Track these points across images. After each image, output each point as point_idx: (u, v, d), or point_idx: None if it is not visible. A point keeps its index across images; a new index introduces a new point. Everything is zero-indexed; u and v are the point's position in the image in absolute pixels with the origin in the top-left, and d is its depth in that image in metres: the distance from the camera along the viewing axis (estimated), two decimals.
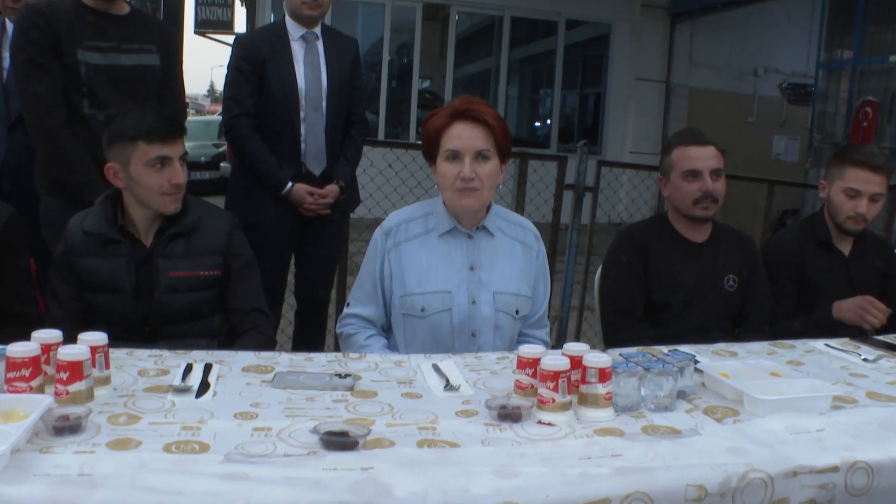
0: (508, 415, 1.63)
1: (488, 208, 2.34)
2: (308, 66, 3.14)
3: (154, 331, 2.27)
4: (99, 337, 1.67)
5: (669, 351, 2.10)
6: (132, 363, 1.87)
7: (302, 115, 3.13)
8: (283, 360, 1.98)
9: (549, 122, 13.57)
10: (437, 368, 1.97)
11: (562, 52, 11.64)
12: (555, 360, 1.65)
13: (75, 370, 1.54)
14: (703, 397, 1.83)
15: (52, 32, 2.67)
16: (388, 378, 1.88)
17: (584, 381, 1.67)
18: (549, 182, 4.32)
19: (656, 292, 2.65)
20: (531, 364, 1.74)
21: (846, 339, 2.49)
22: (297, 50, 3.15)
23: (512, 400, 1.69)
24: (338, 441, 1.42)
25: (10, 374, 1.53)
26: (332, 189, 3.18)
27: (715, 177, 2.61)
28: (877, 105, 7.96)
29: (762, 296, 2.76)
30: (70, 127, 2.70)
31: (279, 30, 3.18)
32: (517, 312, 2.34)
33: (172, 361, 1.91)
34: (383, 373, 1.93)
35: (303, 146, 3.15)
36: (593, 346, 1.85)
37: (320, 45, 3.18)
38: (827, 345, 2.41)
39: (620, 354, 1.92)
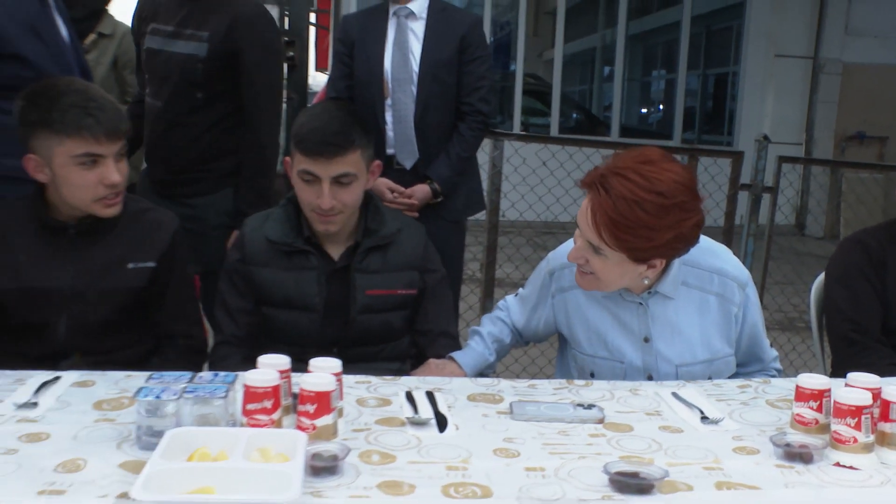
0: (797, 454, 1.63)
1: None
2: (397, 46, 3.19)
3: (342, 352, 2.29)
4: (333, 363, 1.74)
5: None
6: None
7: (389, 100, 3.18)
8: (506, 388, 2.02)
9: (661, 107, 13.42)
10: (677, 396, 1.98)
11: (687, 25, 11.48)
12: (855, 394, 1.64)
13: (323, 402, 1.59)
14: None
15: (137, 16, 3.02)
16: (631, 408, 1.91)
17: (885, 418, 1.66)
18: (722, 181, 4.28)
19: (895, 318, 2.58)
20: (816, 397, 1.73)
21: None
22: (390, 29, 3.21)
23: (792, 436, 1.69)
24: (633, 484, 1.45)
25: (251, 406, 1.57)
26: (419, 189, 3.16)
27: None
28: None
29: None
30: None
31: (377, 9, 3.27)
32: (710, 379, 2.22)
33: (387, 389, 1.97)
34: (623, 402, 1.95)
35: (389, 134, 3.19)
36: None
37: (417, 23, 3.21)
38: None
39: None
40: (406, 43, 3.20)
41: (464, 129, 3.23)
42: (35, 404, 1.76)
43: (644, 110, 13.94)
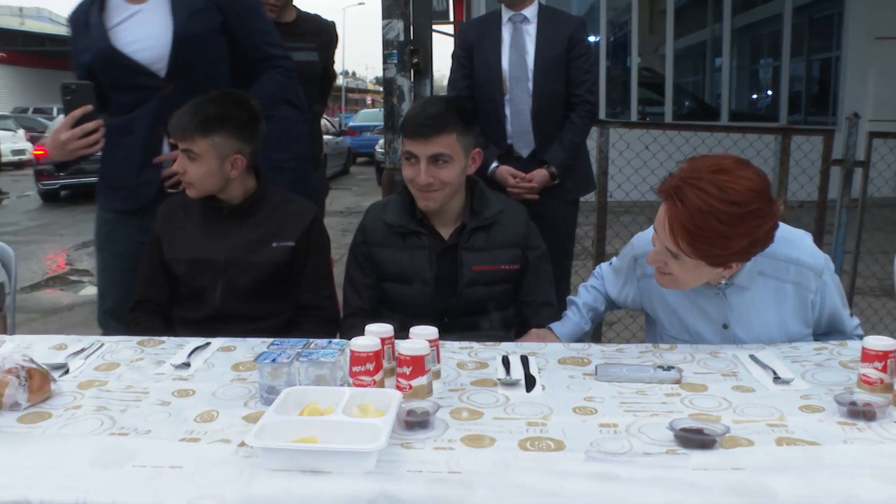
0: (860, 412, 1.51)
1: None
2: (513, 48, 3.17)
3: (452, 322, 2.30)
4: (430, 331, 1.73)
5: None
6: (445, 356, 1.90)
7: (507, 95, 3.16)
8: (595, 352, 1.95)
9: (769, 92, 12.82)
10: (755, 359, 1.87)
11: (789, 15, 10.89)
12: None
13: (418, 365, 1.59)
14: None
15: None
16: (709, 370, 1.81)
17: None
18: (815, 157, 4.03)
19: None
20: (881, 357, 1.61)
21: None
22: (505, 33, 3.20)
23: (858, 395, 1.57)
24: (696, 439, 1.37)
25: (356, 368, 1.59)
26: (537, 174, 3.12)
27: None
28: None
29: None
30: None
31: (492, 16, 3.29)
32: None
33: (486, 353, 1.94)
34: (702, 364, 1.85)
35: (508, 128, 3.17)
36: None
37: (530, 26, 3.18)
38: None
39: None
40: (522, 44, 3.19)
41: (574, 117, 3.19)
42: (188, 365, 1.84)
43: (754, 96, 13.38)
